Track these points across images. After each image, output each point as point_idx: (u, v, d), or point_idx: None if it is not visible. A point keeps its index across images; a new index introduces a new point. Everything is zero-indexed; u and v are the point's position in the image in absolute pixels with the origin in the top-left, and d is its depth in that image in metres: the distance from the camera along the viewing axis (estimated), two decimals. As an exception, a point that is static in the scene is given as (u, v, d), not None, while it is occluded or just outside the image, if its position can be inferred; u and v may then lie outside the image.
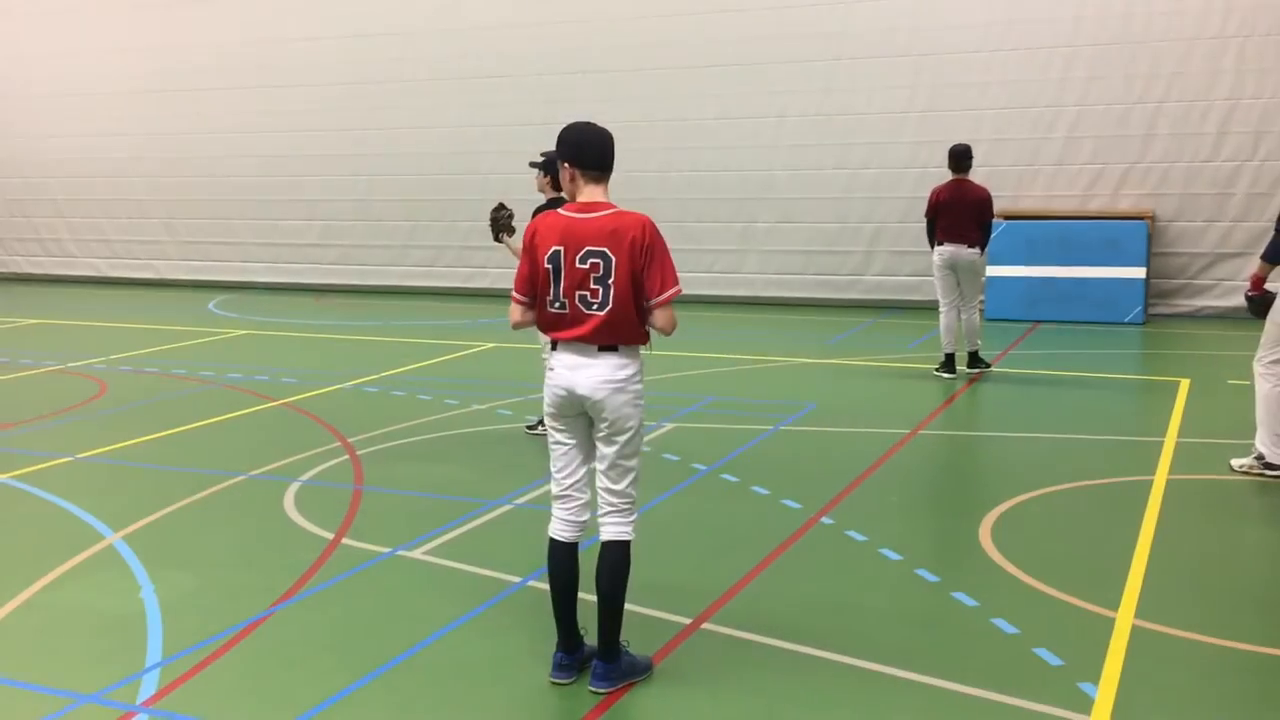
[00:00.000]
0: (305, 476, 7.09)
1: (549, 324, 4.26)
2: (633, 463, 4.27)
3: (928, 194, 10.25)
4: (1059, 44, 13.73)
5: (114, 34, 18.39)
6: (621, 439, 4.22)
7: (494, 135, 16.24)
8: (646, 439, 7.71)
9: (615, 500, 4.28)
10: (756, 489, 6.76)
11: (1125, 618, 4.81)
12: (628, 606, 4.53)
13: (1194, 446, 7.58)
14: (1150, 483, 6.76)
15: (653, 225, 4.17)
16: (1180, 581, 5.29)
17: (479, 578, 5.37)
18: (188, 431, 8.36)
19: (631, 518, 4.30)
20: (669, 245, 4.23)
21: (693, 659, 4.50)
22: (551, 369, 4.29)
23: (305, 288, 17.68)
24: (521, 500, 6.60)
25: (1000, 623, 4.78)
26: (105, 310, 15.69)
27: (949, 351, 10.02)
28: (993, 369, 10.27)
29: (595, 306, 4.12)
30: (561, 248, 4.14)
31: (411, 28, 16.60)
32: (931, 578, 5.31)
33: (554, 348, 4.30)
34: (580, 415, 4.28)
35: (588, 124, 4.28)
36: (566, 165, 4.23)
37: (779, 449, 7.73)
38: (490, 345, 12.11)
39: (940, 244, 9.97)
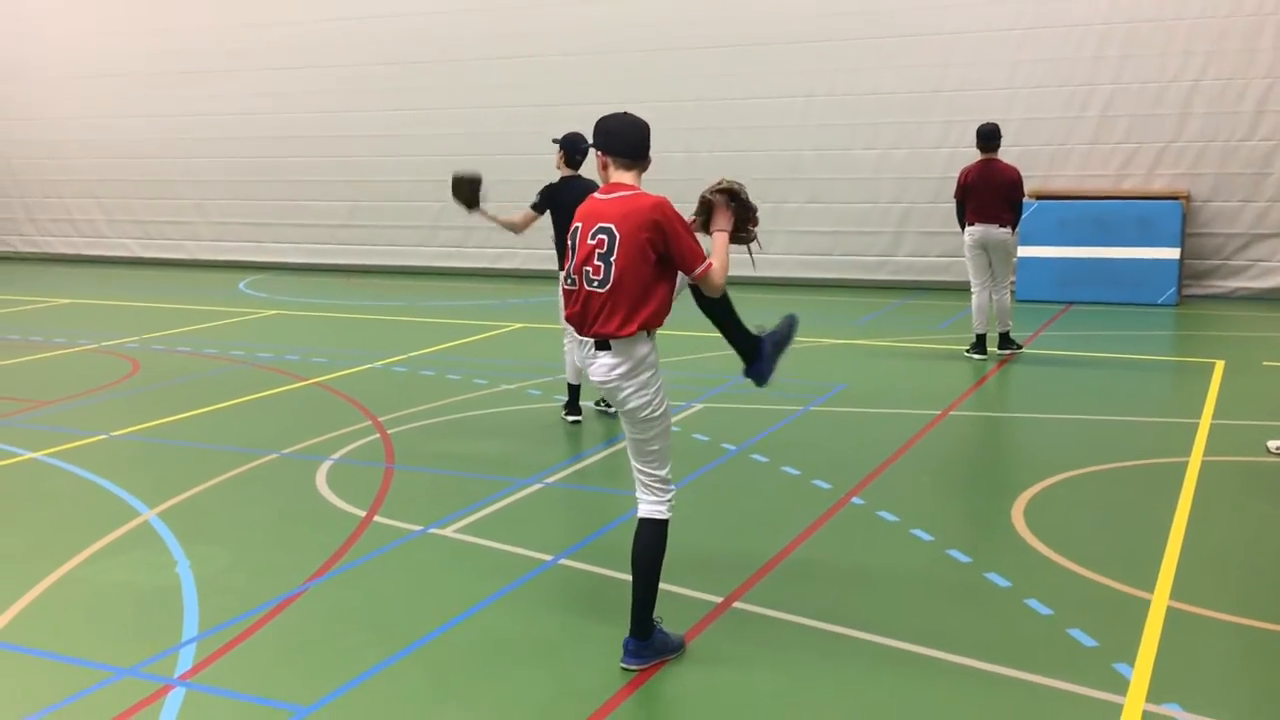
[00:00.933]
0: (337, 455, 7.13)
1: (566, 301, 4.32)
2: (654, 445, 4.28)
3: (958, 174, 10.18)
4: (1093, 21, 13.56)
5: (144, 14, 18.47)
6: (637, 424, 4.25)
7: (523, 115, 16.22)
8: (676, 419, 7.71)
9: (643, 479, 4.31)
10: (787, 469, 6.75)
11: (1160, 599, 4.77)
12: (660, 585, 4.54)
13: (1229, 428, 7.50)
14: (1185, 464, 6.70)
15: (665, 205, 4.15)
16: (1216, 563, 5.24)
17: (511, 555, 5.39)
18: (220, 410, 8.43)
19: (664, 497, 4.30)
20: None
21: (724, 638, 4.51)
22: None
23: (334, 268, 17.76)
24: (552, 479, 6.62)
25: (1033, 603, 4.75)
26: (137, 290, 15.82)
27: (980, 332, 9.96)
28: (1024, 350, 10.20)
29: (596, 283, 4.16)
30: (580, 225, 4.25)
31: (440, 8, 16.57)
32: (963, 558, 5.29)
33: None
34: None
35: (623, 114, 4.35)
36: (599, 152, 4.30)
37: (809, 429, 7.71)
38: (519, 325, 12.13)
39: (971, 224, 9.89)
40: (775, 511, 6.07)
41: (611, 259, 4.11)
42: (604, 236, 4.14)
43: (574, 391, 7.90)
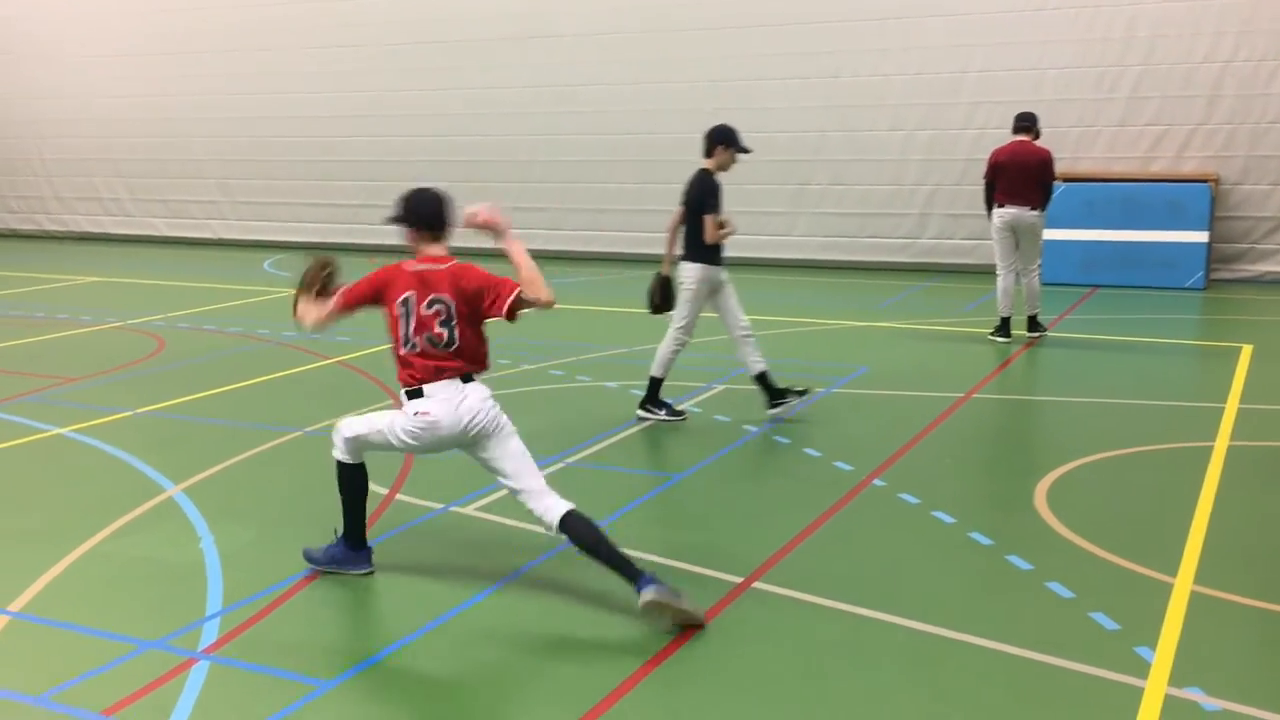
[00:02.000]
0: (359, 433, 7.15)
1: (407, 365, 4.64)
2: (521, 446, 4.76)
3: (985, 155, 10.11)
4: (1122, 2, 13.39)
5: (170, -6, 18.54)
6: (509, 439, 4.71)
7: (545, 96, 16.20)
8: (699, 399, 7.73)
9: (542, 483, 4.68)
10: (808, 451, 6.74)
11: (1184, 583, 4.75)
12: (681, 565, 4.56)
13: (1256, 413, 7.43)
14: (1210, 449, 6.65)
15: (472, 266, 4.66)
16: (1240, 547, 5.20)
17: (531, 534, 5.40)
18: (244, 388, 8.48)
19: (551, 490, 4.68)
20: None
21: (744, 617, 4.51)
22: (424, 412, 4.60)
23: (358, 248, 17.79)
24: (573, 459, 6.63)
25: (1055, 586, 4.73)
26: (163, 268, 15.92)
27: (1005, 315, 9.89)
28: (1048, 333, 10.13)
29: (443, 344, 4.59)
30: (411, 294, 4.63)
31: (463, -12, 16.56)
32: (985, 541, 5.27)
33: (418, 395, 4.61)
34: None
35: (423, 189, 4.87)
36: (407, 227, 4.79)
37: (830, 411, 7.69)
38: (541, 306, 12.13)
39: (1001, 206, 9.81)
40: (796, 493, 6.06)
41: (453, 324, 4.59)
42: (440, 307, 4.59)
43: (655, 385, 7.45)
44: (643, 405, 7.46)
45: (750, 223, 15.05)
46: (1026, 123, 9.83)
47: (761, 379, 7.33)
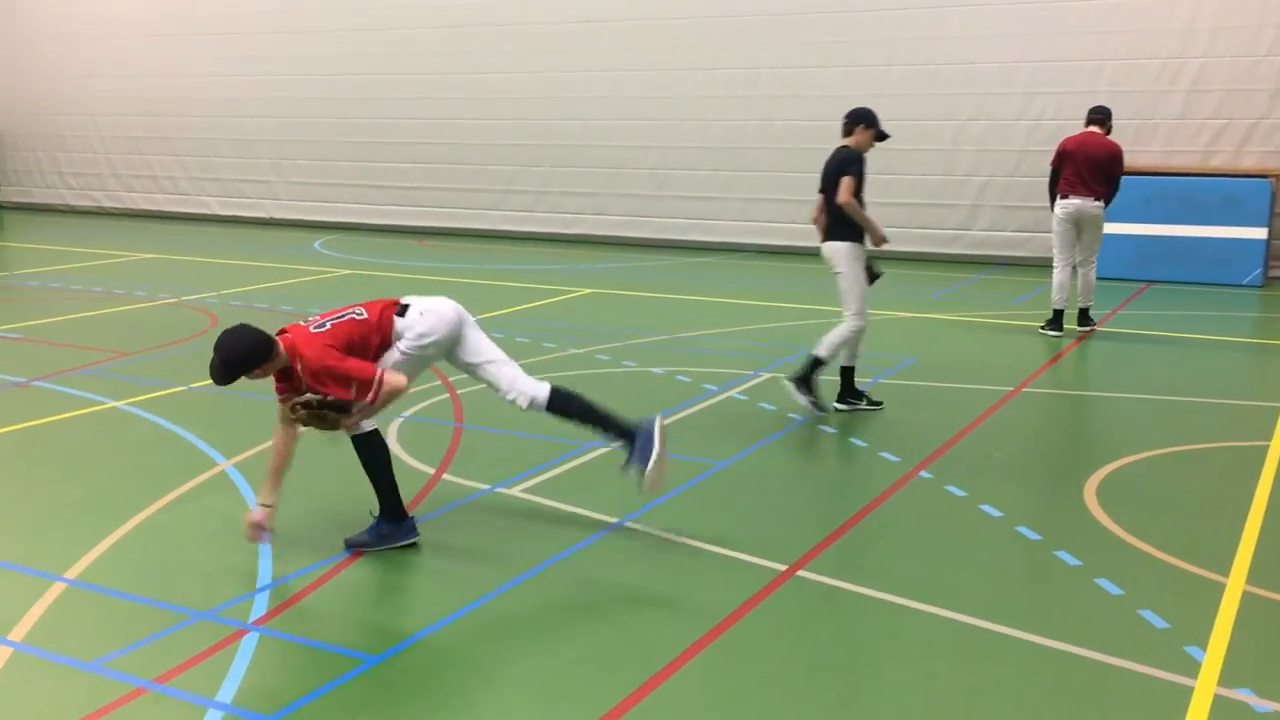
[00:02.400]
0: (407, 413, 7.22)
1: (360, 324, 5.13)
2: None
3: (1039, 147, 10.02)
4: (1185, -9, 13.15)
5: (227, -25, 18.72)
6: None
7: (596, 81, 16.19)
8: (744, 388, 7.72)
9: (515, 366, 5.33)
10: (854, 441, 6.71)
11: (1236, 583, 4.68)
12: (724, 551, 4.54)
13: (1314, 413, 7.30)
14: (1266, 448, 6.53)
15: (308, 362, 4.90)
16: (1295, 550, 5.12)
17: (576, 516, 5.44)
18: (295, 366, 8.56)
19: None
20: (768, 192, 4.27)
21: (786, 605, 4.51)
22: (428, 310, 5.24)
23: (407, 230, 17.92)
24: (619, 442, 6.62)
25: (1104, 583, 4.68)
26: (216, 246, 16.11)
27: (1059, 308, 9.77)
28: (1098, 329, 9.99)
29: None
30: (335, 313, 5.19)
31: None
32: (1033, 535, 5.23)
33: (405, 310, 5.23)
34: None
35: (228, 336, 5.15)
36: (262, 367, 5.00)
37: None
38: (587, 291, 12.16)
39: (1064, 197, 9.70)
40: (841, 482, 6.04)
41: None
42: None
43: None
44: (801, 381, 7.19)
45: (796, 211, 14.97)
46: (1099, 115, 9.78)
47: (845, 373, 7.31)
